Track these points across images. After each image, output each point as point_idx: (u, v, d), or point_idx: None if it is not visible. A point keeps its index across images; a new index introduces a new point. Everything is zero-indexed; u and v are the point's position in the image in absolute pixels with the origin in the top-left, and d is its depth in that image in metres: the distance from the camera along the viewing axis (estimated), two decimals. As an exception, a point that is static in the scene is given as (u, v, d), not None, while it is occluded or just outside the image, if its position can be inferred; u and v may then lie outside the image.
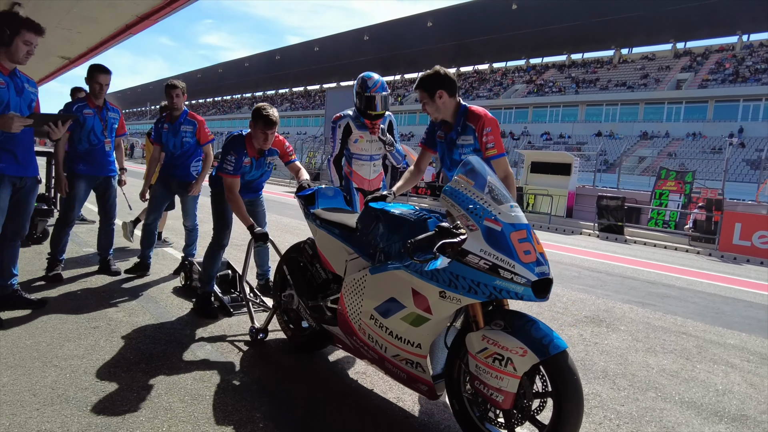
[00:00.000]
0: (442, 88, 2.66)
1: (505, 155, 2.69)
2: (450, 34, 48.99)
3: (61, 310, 3.46)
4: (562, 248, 9.43)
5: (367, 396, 2.63)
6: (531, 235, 2.03)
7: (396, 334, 2.26)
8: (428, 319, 2.12)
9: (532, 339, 1.90)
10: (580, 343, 3.76)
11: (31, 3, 6.96)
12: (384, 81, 4.01)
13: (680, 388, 3.07)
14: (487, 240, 1.95)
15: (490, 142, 2.65)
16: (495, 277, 1.91)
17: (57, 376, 2.51)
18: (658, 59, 46.01)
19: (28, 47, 3.03)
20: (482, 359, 1.98)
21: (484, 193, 2.04)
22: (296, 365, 2.93)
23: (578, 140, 41.74)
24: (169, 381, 2.57)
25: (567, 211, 14.69)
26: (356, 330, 2.47)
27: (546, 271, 1.97)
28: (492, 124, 2.68)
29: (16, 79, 3.12)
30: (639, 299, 5.49)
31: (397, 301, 2.22)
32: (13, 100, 3.07)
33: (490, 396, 1.97)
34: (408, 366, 2.27)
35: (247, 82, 78.64)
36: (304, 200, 3.11)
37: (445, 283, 2.02)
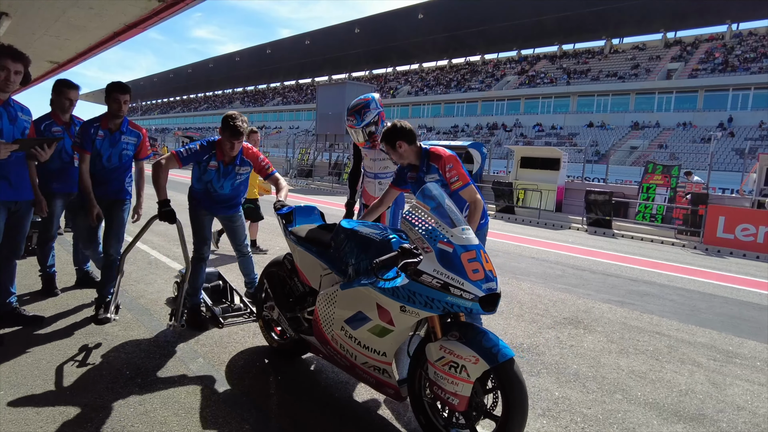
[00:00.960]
0: (400, 139, 3.05)
1: (470, 184, 3.00)
2: (441, 25, 48.91)
3: (59, 326, 3.61)
4: (550, 245, 9.63)
5: (350, 405, 2.80)
6: (480, 254, 2.25)
7: (364, 344, 2.50)
8: (391, 330, 2.37)
9: (483, 348, 2.15)
10: (557, 346, 3.95)
11: (19, 12, 7.02)
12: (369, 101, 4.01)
13: (646, 389, 3.27)
14: (440, 261, 2.19)
15: (453, 177, 2.99)
16: (446, 294, 2.16)
17: (58, 393, 2.66)
18: (648, 49, 46.21)
19: (8, 73, 3.09)
20: (440, 367, 2.21)
21: (438, 218, 2.29)
22: (284, 377, 3.10)
23: (570, 131, 41.98)
24: (164, 395, 2.74)
25: (556, 205, 14.90)
26: (329, 340, 2.70)
27: (493, 287, 2.19)
28: (451, 160, 3.03)
29: (10, 108, 3.25)
30: (619, 298, 5.69)
31: (364, 314, 2.46)
32: (6, 129, 3.20)
33: (447, 399, 2.21)
34: (376, 372, 2.51)
35: (239, 77, 78.23)
36: (283, 218, 3.31)
37: (404, 299, 2.26)
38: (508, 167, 20.24)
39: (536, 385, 3.21)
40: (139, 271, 5.31)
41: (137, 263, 5.63)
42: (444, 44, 55.39)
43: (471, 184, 3.01)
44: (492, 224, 12.53)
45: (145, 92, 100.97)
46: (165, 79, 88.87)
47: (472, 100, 52.24)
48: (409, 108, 57.56)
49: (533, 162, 15.92)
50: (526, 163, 16.11)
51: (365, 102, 3.99)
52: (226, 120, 3.39)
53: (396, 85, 61.52)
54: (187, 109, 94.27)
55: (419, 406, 2.41)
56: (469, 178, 3.04)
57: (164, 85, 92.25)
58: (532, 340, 4.06)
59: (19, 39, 8.55)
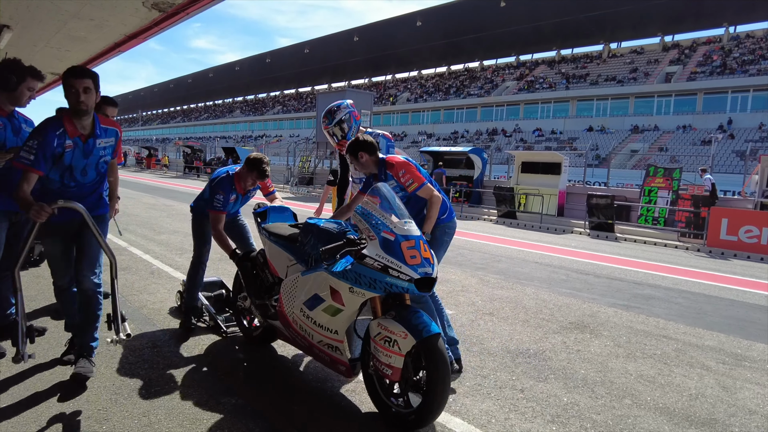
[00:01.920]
0: (362, 150, 3.31)
1: (425, 184, 3.25)
2: (440, 33, 49.15)
3: (62, 337, 3.58)
4: (553, 249, 9.59)
5: (355, 412, 2.77)
6: (420, 244, 2.59)
7: (319, 323, 2.79)
8: (342, 309, 2.66)
9: (412, 325, 2.46)
10: (563, 351, 3.92)
11: (20, 24, 7.05)
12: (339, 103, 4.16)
13: (655, 393, 3.23)
14: (382, 247, 2.54)
15: (407, 181, 3.26)
16: (386, 275, 2.48)
17: (62, 406, 2.63)
18: (646, 53, 46.36)
19: (31, 92, 3.23)
20: (378, 341, 2.53)
21: (385, 212, 2.67)
22: (290, 387, 3.07)
23: (570, 135, 42.03)
24: (169, 406, 2.70)
25: (558, 209, 14.88)
26: (291, 322, 3.01)
27: (429, 271, 2.51)
28: (403, 166, 3.29)
29: (14, 120, 3.28)
30: (624, 302, 5.66)
31: (319, 296, 2.75)
32: (10, 140, 3.22)
33: (383, 371, 2.52)
34: (329, 350, 2.80)
35: (239, 86, 78.57)
36: (258, 217, 3.73)
37: (352, 281, 2.57)
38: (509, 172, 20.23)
39: (544, 390, 3.18)
40: (141, 281, 5.29)
41: (139, 273, 5.61)
42: (442, 51, 55.63)
43: (426, 184, 3.26)
44: (494, 229, 12.54)
45: (146, 102, 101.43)
46: (165, 89, 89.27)
47: (471, 106, 52.36)
48: (409, 115, 57.72)
49: (534, 167, 15.92)
50: (527, 167, 16.11)
51: (336, 104, 4.14)
52: (256, 163, 3.69)
53: (395, 93, 61.72)
54: (187, 118, 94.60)
55: (367, 379, 2.72)
56: (424, 178, 3.28)
57: (165, 95, 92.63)
58: (539, 346, 4.02)
59: (20, 51, 8.57)
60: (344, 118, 4.08)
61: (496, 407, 2.92)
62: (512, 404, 2.97)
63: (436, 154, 19.94)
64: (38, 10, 6.25)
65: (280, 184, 25.47)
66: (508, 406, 2.93)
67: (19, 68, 3.16)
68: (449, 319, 3.47)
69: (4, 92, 3.19)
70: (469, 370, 3.43)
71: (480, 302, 5.28)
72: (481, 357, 3.70)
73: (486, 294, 5.65)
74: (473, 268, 7.14)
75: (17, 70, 3.15)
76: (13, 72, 3.14)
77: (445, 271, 6.62)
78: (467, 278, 6.39)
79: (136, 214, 11.01)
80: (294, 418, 2.67)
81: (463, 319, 4.62)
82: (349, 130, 4.10)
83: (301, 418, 2.68)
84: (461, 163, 19.10)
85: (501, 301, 5.38)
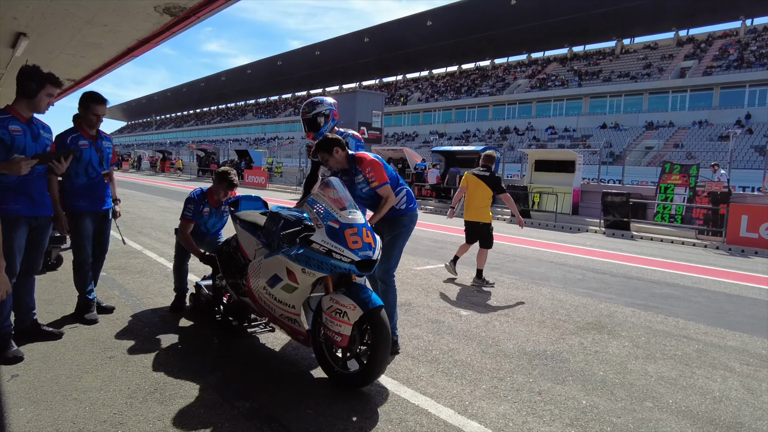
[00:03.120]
0: (336, 145, 3.50)
1: (385, 184, 3.53)
2: (450, 32, 49.00)
3: (78, 341, 3.60)
4: (568, 248, 9.48)
5: (369, 415, 2.74)
6: (362, 231, 2.96)
7: (278, 299, 3.18)
8: (297, 287, 3.05)
9: (360, 299, 2.86)
10: (581, 353, 3.85)
11: (37, 32, 7.14)
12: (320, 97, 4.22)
13: (677, 396, 3.15)
14: (327, 234, 2.90)
15: (371, 177, 3.51)
16: (330, 258, 2.86)
17: (77, 410, 2.64)
18: (660, 48, 45.74)
19: (50, 99, 3.28)
20: (329, 313, 2.92)
21: (332, 203, 3.01)
22: (304, 391, 3.05)
23: (583, 133, 41.61)
24: (183, 410, 2.70)
25: (573, 208, 14.71)
26: (257, 298, 3.40)
27: (369, 254, 2.89)
28: (371, 164, 3.52)
29: (33, 126, 3.33)
30: (642, 301, 5.55)
31: (278, 276, 3.12)
32: (30, 146, 3.27)
33: (333, 338, 2.93)
34: (289, 322, 3.20)
35: (251, 89, 79.15)
36: (231, 205, 4.08)
37: (304, 263, 2.94)
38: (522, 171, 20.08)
39: (562, 393, 3.12)
40: (156, 284, 5.32)
41: (154, 276, 5.64)
42: (453, 50, 55.45)
43: (387, 184, 3.54)
44: (507, 229, 12.43)
45: (160, 106, 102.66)
46: (178, 93, 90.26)
47: (483, 105, 52.10)
48: (420, 115, 57.62)
49: (548, 165, 15.77)
50: (540, 166, 15.97)
51: (320, 99, 4.16)
52: (224, 175, 4.19)
53: (406, 93, 61.66)
54: (200, 122, 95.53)
55: (317, 346, 3.12)
56: (387, 178, 3.54)
57: (178, 99, 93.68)
58: (556, 347, 3.95)
59: (37, 58, 8.70)
60: (324, 112, 4.08)
61: (513, 410, 2.86)
62: (530, 407, 2.91)
63: (449, 153, 19.85)
64: (53, 18, 6.32)
65: (293, 185, 25.57)
66: (525, 409, 2.88)
67: (38, 75, 3.22)
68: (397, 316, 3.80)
69: (23, 99, 3.25)
70: (485, 372, 3.38)
71: (495, 303, 5.22)
72: (496, 359, 3.65)
73: (501, 294, 5.58)
74: (487, 268, 7.06)
75: (36, 76, 3.21)
76: (33, 79, 3.20)
77: (460, 272, 6.57)
78: (481, 278, 6.32)
79: (150, 217, 11.12)
80: (307, 422, 2.64)
81: (478, 321, 4.56)
82: (323, 126, 4.08)
83: (315, 421, 2.65)
84: (474, 163, 18.99)
85: (516, 301, 5.32)
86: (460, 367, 3.47)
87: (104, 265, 4.40)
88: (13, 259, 3.26)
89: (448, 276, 6.41)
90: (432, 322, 4.47)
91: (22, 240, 3.30)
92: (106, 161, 4.07)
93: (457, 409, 2.84)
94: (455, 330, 4.26)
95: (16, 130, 3.20)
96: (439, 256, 7.88)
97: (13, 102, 3.30)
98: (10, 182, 3.22)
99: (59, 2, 5.69)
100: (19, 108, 3.26)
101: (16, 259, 3.29)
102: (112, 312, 4.27)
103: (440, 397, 2.99)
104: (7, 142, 3.16)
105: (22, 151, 3.21)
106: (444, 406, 2.88)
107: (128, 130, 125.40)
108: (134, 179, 29.52)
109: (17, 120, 3.24)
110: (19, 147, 3.21)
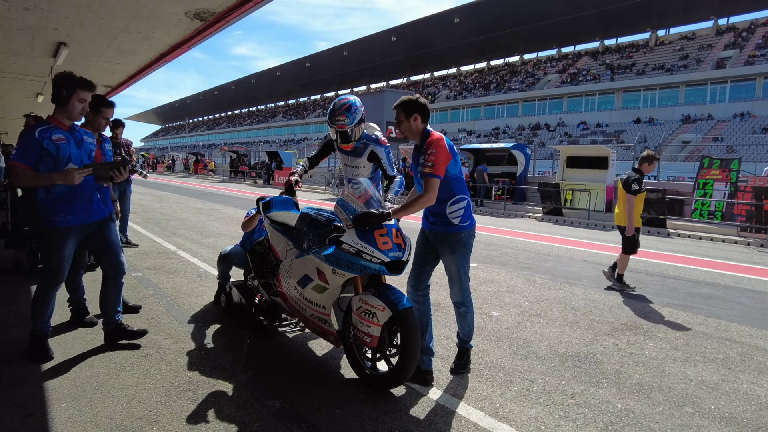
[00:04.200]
0: (418, 112, 3.14)
1: (434, 176, 2.98)
2: (478, 28, 48.43)
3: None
4: (602, 247, 9.24)
5: (401, 415, 2.72)
6: (392, 231, 2.94)
7: (309, 299, 3.22)
8: (327, 288, 3.09)
9: (389, 300, 2.86)
10: (615, 354, 3.74)
11: (75, 42, 7.41)
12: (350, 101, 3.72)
13: (720, 401, 3.02)
14: (357, 235, 2.89)
15: (429, 161, 3.00)
16: (360, 258, 2.85)
17: (115, 407, 2.72)
18: (698, 38, 44.11)
19: (83, 104, 3.26)
20: (359, 314, 2.94)
21: (362, 204, 2.95)
22: (334, 391, 3.06)
23: (616, 128, 40.55)
24: (215, 409, 2.74)
25: (606, 205, 14.34)
26: (288, 298, 3.46)
27: (399, 255, 2.88)
28: (436, 146, 3.02)
29: (75, 133, 3.32)
30: (680, 301, 5.36)
31: (309, 276, 3.17)
32: (74, 154, 3.26)
33: (362, 339, 2.94)
34: (320, 322, 3.24)
35: (280, 91, 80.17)
36: (263, 206, 3.99)
37: (334, 263, 2.96)
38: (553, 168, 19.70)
39: (596, 396, 3.03)
40: (189, 284, 5.44)
41: (187, 276, 5.77)
42: (481, 46, 54.83)
43: (436, 178, 2.99)
44: (539, 227, 12.22)
45: (192, 110, 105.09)
46: (210, 96, 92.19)
47: (512, 101, 51.35)
48: (449, 112, 57.22)
49: (580, 161, 15.40)
50: (572, 162, 15.61)
51: (348, 101, 3.70)
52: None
53: (434, 91, 61.33)
54: (232, 124, 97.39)
55: (347, 346, 3.13)
56: (442, 172, 3.01)
57: (210, 102, 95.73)
58: (589, 348, 3.86)
59: (76, 66, 9.04)
60: (363, 118, 3.74)
61: (545, 413, 2.80)
62: (562, 410, 2.85)
63: (477, 151, 19.64)
64: (91, 27, 6.54)
65: (322, 185, 25.77)
66: (558, 413, 2.82)
67: (69, 80, 3.20)
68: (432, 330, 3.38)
69: (59, 107, 3.24)
70: (517, 374, 3.33)
71: (527, 303, 5.12)
72: (528, 360, 3.58)
73: (533, 295, 5.48)
74: (519, 267, 6.96)
75: (68, 82, 3.19)
76: (63, 86, 3.18)
77: (490, 272, 6.49)
78: (513, 278, 6.23)
79: (184, 218, 11.39)
80: (337, 422, 2.65)
81: (509, 322, 4.49)
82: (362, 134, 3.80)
83: (344, 422, 2.66)
84: (503, 160, 18.73)
85: (548, 301, 5.21)
86: (491, 368, 3.42)
87: (140, 266, 4.48)
88: (63, 269, 3.34)
89: (478, 276, 6.33)
90: (461, 322, 4.42)
91: (71, 250, 3.35)
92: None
93: (488, 412, 2.80)
94: (486, 331, 4.20)
95: (60, 139, 3.19)
96: (469, 256, 7.79)
97: (53, 111, 3.30)
98: (60, 192, 3.24)
99: (96, 12, 5.88)
100: (58, 116, 3.26)
101: (65, 269, 3.36)
102: (139, 311, 4.38)
103: (470, 399, 2.95)
104: (52, 153, 3.16)
105: (68, 159, 3.21)
106: (474, 408, 2.84)
107: (162, 133, 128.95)
108: (168, 181, 30.32)
109: (60, 129, 3.23)
110: (65, 156, 3.20)
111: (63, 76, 3.22)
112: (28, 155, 3.12)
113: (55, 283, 3.36)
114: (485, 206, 17.36)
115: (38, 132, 3.14)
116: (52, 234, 3.28)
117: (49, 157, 3.16)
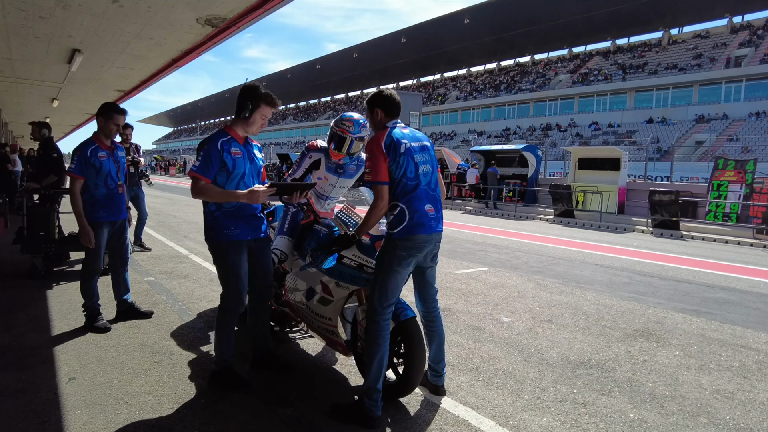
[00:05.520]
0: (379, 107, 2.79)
1: (379, 183, 2.63)
2: (488, 29, 48.27)
3: (128, 345, 3.76)
4: (614, 250, 9.16)
5: (411, 428, 2.72)
6: None
7: (315, 312, 3.24)
8: (332, 300, 3.09)
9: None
10: (628, 362, 3.70)
11: (90, 48, 7.52)
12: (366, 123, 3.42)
13: (735, 412, 2.98)
14: (358, 248, 2.92)
15: (366, 166, 2.69)
16: (362, 272, 2.92)
17: (128, 414, 2.75)
18: (712, 36, 43.54)
19: (263, 121, 3.03)
20: (364, 324, 2.82)
21: (360, 216, 2.90)
22: (340, 397, 3.06)
23: (628, 128, 40.15)
24: (227, 416, 2.77)
25: (618, 207, 14.22)
26: (295, 309, 3.51)
27: None
28: (370, 149, 2.70)
29: (249, 148, 3.11)
30: (693, 307, 5.30)
31: (314, 289, 3.25)
32: (248, 169, 3.05)
33: None
34: (327, 333, 3.21)
35: (290, 93, 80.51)
36: (269, 215, 4.08)
37: (337, 276, 3.05)
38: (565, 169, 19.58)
39: (608, 405, 3.01)
40: (201, 288, 5.48)
41: (199, 281, 5.82)
42: (492, 47, 54.63)
43: (381, 184, 2.64)
44: (550, 230, 12.14)
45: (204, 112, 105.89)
46: (221, 98, 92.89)
47: (523, 102, 51.09)
48: (459, 113, 57.08)
49: (592, 163, 15.31)
50: (584, 164, 15.52)
51: (362, 118, 3.54)
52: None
53: (444, 92, 61.22)
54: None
55: (357, 356, 3.15)
56: (385, 175, 2.64)
57: (221, 104, 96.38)
58: (601, 355, 3.82)
59: (89, 72, 9.19)
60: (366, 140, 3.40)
61: (556, 423, 2.78)
62: (574, 420, 2.82)
63: (488, 153, 19.57)
64: (105, 34, 6.64)
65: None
66: (569, 422, 2.80)
67: (256, 95, 2.96)
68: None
69: (239, 120, 3.01)
70: (527, 382, 3.31)
71: (538, 309, 5.10)
72: (539, 368, 3.56)
73: (544, 299, 5.45)
74: (530, 271, 6.92)
75: (255, 97, 2.95)
76: (250, 99, 2.94)
77: (501, 276, 6.46)
78: (524, 283, 6.20)
79: (196, 221, 11.48)
80: (347, 430, 2.65)
81: (520, 327, 4.47)
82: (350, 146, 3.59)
83: (355, 429, 2.66)
84: (514, 161, 18.66)
85: (560, 307, 5.18)
86: (502, 376, 3.41)
87: (152, 270, 4.62)
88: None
89: (488, 280, 6.30)
90: (472, 328, 4.41)
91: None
92: (122, 172, 4.30)
93: (498, 420, 2.79)
94: (496, 337, 4.19)
95: (237, 153, 2.98)
96: (479, 259, 7.77)
97: (231, 122, 3.08)
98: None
99: (110, 20, 5.96)
100: (236, 128, 3.03)
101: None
102: (151, 317, 4.44)
103: (481, 408, 2.94)
104: (229, 168, 2.94)
105: (242, 174, 3.01)
106: (485, 416, 2.83)
107: (174, 135, 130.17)
108: (180, 183, 30.59)
109: (236, 142, 3.01)
110: (240, 171, 2.99)
111: (251, 89, 2.99)
112: (209, 167, 2.89)
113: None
114: (496, 208, 17.29)
115: (221, 143, 2.94)
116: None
117: (225, 171, 2.95)
